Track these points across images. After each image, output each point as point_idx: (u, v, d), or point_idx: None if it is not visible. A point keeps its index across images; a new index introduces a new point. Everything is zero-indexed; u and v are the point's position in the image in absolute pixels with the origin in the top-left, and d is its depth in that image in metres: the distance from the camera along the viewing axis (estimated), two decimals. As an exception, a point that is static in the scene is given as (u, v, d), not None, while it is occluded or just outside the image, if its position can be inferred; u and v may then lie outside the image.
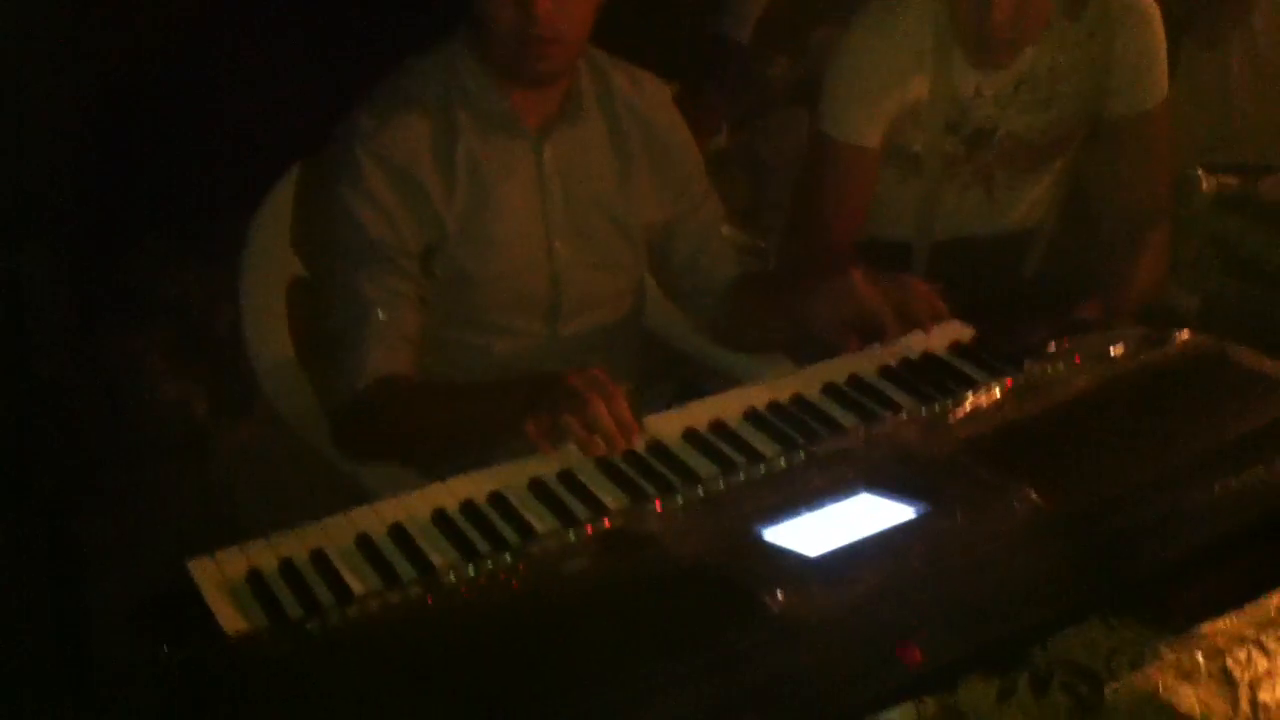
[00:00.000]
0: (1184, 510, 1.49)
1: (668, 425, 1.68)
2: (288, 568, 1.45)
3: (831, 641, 1.30)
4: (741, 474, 1.54)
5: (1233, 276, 2.17)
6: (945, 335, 1.87)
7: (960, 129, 2.38)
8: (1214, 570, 1.54)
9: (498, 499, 1.56)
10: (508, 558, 1.42)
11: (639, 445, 1.64)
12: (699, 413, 1.71)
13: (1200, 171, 2.18)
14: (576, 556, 1.41)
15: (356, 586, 1.42)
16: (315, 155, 2.04)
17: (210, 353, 2.43)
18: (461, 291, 1.98)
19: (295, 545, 1.49)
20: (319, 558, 1.47)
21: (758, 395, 1.75)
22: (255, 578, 1.43)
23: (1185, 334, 1.72)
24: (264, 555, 1.47)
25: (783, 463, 1.56)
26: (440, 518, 1.53)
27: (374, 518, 1.54)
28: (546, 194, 1.98)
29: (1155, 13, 2.37)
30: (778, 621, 1.28)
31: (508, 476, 1.60)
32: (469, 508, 1.55)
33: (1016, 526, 1.40)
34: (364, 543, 1.49)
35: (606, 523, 1.46)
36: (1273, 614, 1.38)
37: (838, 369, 1.80)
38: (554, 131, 1.97)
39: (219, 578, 1.43)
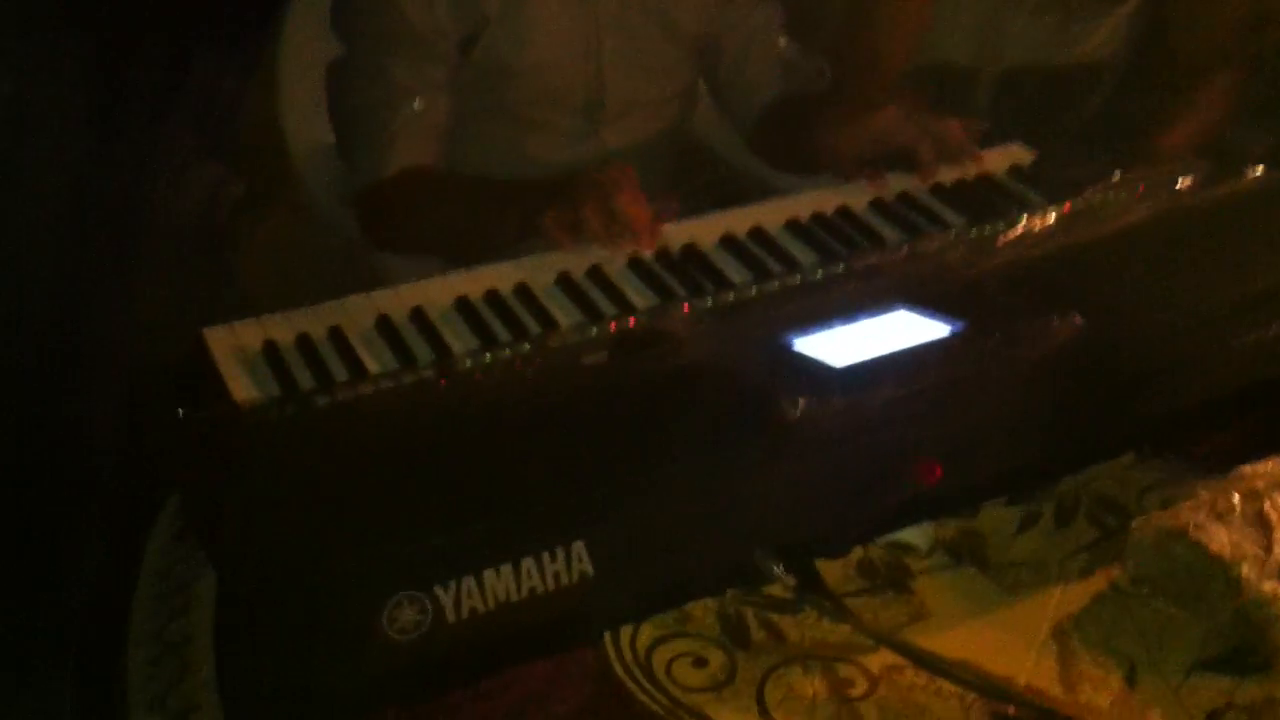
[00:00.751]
0: (1231, 350, 1.43)
1: (705, 230, 1.62)
2: (304, 342, 1.42)
3: (849, 454, 1.26)
4: (776, 282, 1.48)
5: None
6: (1004, 158, 1.79)
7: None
8: (1257, 414, 1.49)
9: (523, 290, 1.51)
10: (526, 347, 1.38)
11: (652, 244, 1.58)
12: (739, 219, 1.65)
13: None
14: (595, 351, 1.36)
15: (371, 365, 1.39)
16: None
17: (243, 136, 2.36)
18: (500, 81, 1.91)
19: (313, 321, 1.45)
20: (336, 335, 1.44)
21: (802, 205, 1.69)
22: (270, 350, 1.40)
23: (1259, 169, 1.63)
24: (281, 329, 1.44)
25: (820, 273, 1.50)
26: (463, 305, 1.49)
27: (396, 300, 1.50)
28: None
29: None
30: (795, 430, 1.23)
31: (535, 269, 1.55)
32: (493, 297, 1.50)
33: (1054, 352, 1.33)
34: (383, 324, 1.45)
35: (631, 321, 1.41)
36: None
37: (906, 181, 1.72)
38: None
39: (234, 346, 1.40)
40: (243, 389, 1.34)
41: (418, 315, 1.47)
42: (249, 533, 1.14)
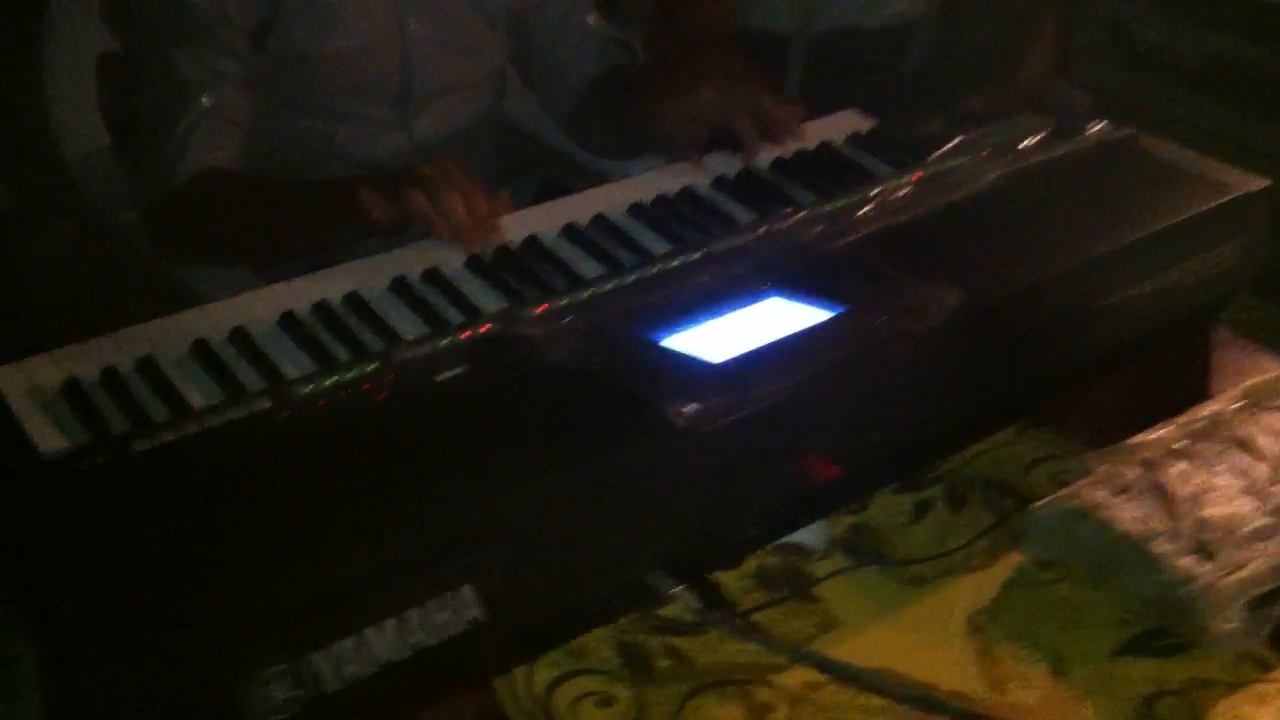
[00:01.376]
0: (1102, 309, 1.39)
1: (544, 221, 1.51)
2: (111, 377, 1.25)
3: (735, 455, 1.17)
4: (633, 275, 1.37)
5: (1128, 68, 2.06)
6: (842, 126, 1.72)
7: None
8: (1134, 377, 1.46)
9: (355, 301, 1.37)
10: (371, 366, 1.24)
11: (496, 240, 1.46)
12: (578, 207, 1.54)
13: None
14: (450, 364, 1.23)
15: (194, 399, 1.23)
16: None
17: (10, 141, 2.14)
18: (299, 72, 1.74)
19: (117, 351, 1.28)
20: (147, 366, 1.27)
21: (642, 188, 1.58)
22: (73, 389, 1.23)
23: (1100, 125, 1.60)
24: (82, 362, 1.26)
25: (676, 262, 1.40)
26: (289, 321, 1.33)
27: (209, 320, 1.33)
28: None
29: None
30: (678, 433, 1.13)
31: (365, 275, 1.41)
32: (322, 310, 1.35)
33: (932, 326, 1.27)
34: (200, 350, 1.29)
35: (484, 328, 1.29)
36: (1203, 424, 1.29)
37: (727, 163, 1.64)
38: None
39: (28, 387, 1.22)
40: (46, 437, 1.16)
41: (239, 336, 1.31)
42: (74, 608, 0.98)
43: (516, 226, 1.49)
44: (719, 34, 2.21)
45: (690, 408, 1.14)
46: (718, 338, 1.26)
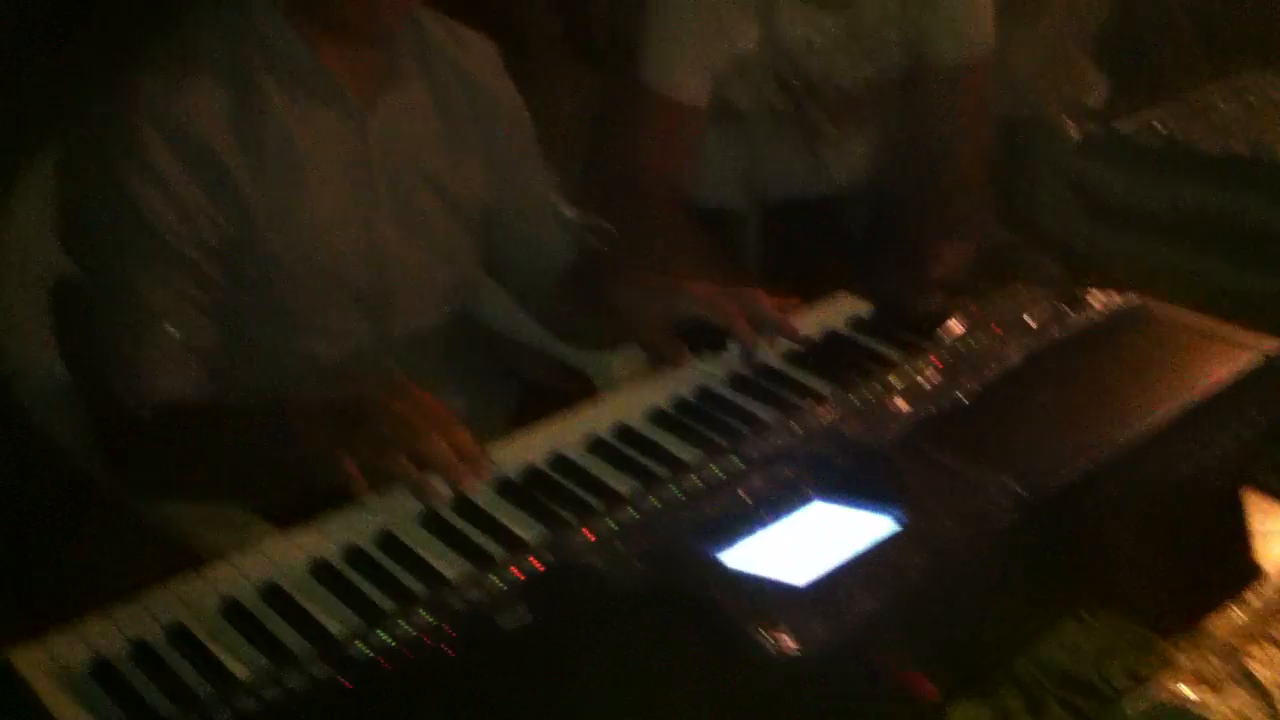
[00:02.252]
0: (1153, 484, 1.37)
1: (566, 436, 1.45)
2: (142, 650, 1.15)
3: (833, 679, 1.11)
4: (673, 487, 1.32)
5: (1097, 224, 2.09)
6: (840, 310, 1.71)
7: (788, 82, 2.22)
8: (1176, 549, 1.44)
9: (389, 540, 1.29)
10: (425, 615, 1.16)
11: (485, 478, 1.36)
12: (597, 418, 1.49)
13: (1063, 116, 2.09)
14: (510, 605, 1.16)
15: (238, 669, 1.13)
16: (82, 124, 1.67)
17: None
18: (273, 288, 1.67)
19: (143, 620, 1.19)
20: (179, 634, 1.17)
21: (657, 392, 1.54)
22: (103, 668, 1.13)
23: (1101, 294, 1.60)
24: (106, 635, 1.16)
25: (716, 470, 1.34)
26: (323, 570, 1.25)
27: (236, 576, 1.25)
28: (372, 172, 1.70)
29: (979, -45, 2.27)
30: (781, 662, 1.07)
31: (393, 512, 1.33)
32: (355, 555, 1.27)
33: (1003, 521, 1.23)
34: (233, 611, 1.20)
35: (534, 561, 1.22)
36: (1273, 599, 1.27)
37: (737, 358, 1.60)
38: (379, 99, 1.69)
39: (53, 669, 1.13)
40: (82, 727, 1.07)
41: (272, 592, 1.22)
42: None
43: (538, 444, 1.43)
44: (675, 210, 2.19)
45: (785, 635, 1.08)
46: (782, 552, 1.21)
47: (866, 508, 1.27)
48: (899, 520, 1.23)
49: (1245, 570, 1.33)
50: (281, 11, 1.62)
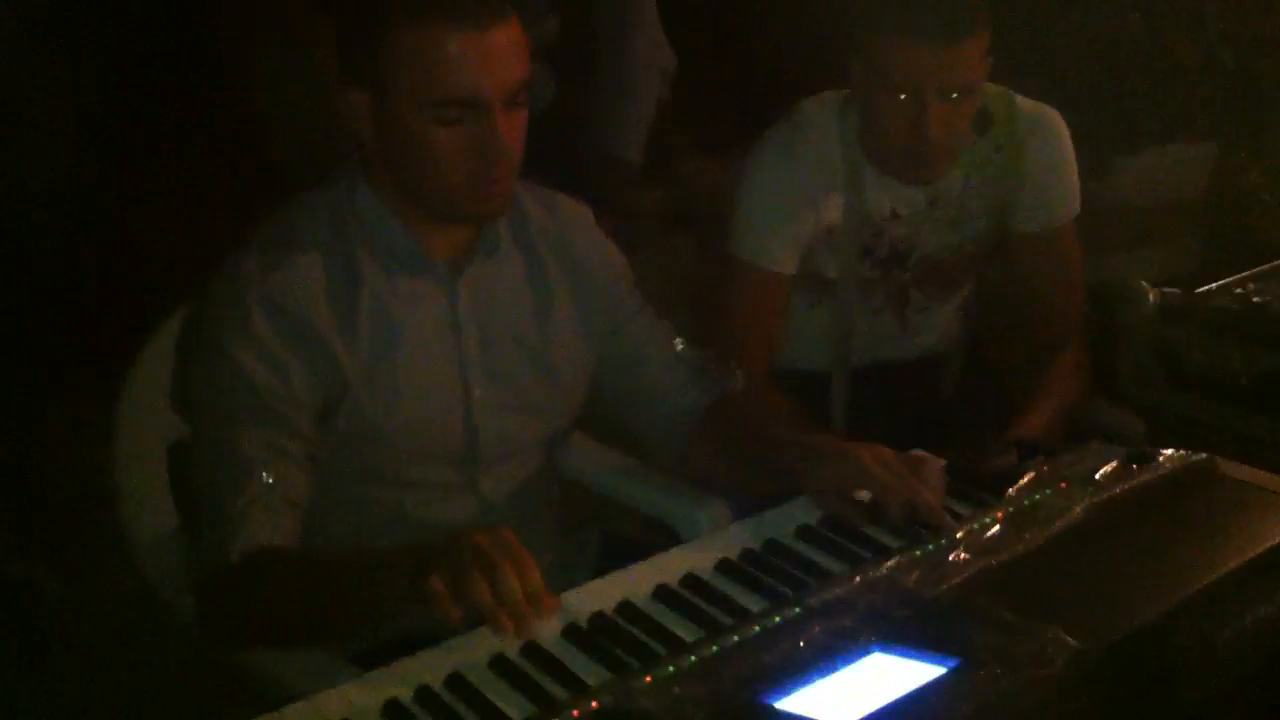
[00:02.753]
0: (1216, 640, 1.37)
1: (635, 584, 1.50)
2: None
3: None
4: (734, 636, 1.36)
5: (1179, 388, 2.11)
6: (912, 467, 1.74)
7: (875, 252, 2.30)
8: (1256, 708, 1.43)
9: (457, 682, 1.35)
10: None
11: (553, 622, 1.41)
12: (667, 567, 1.54)
13: (1144, 283, 2.13)
14: (569, 747, 1.20)
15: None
16: (197, 301, 1.82)
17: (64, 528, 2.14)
18: (367, 445, 1.76)
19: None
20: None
21: (726, 544, 1.58)
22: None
23: (1171, 451, 1.62)
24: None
25: (777, 619, 1.38)
26: (393, 710, 1.31)
27: (312, 714, 1.31)
28: (461, 336, 1.80)
29: (1063, 127, 2.33)
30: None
31: (463, 654, 1.39)
32: (425, 695, 1.33)
33: (1054, 673, 1.25)
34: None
35: (594, 704, 1.26)
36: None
37: (806, 511, 1.65)
38: (467, 267, 1.80)
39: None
40: None
41: (346, 732, 1.28)
42: None
43: (610, 591, 1.48)
44: (762, 373, 2.25)
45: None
46: (837, 700, 1.24)
47: (922, 658, 1.30)
48: (949, 667, 1.25)
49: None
50: (375, 192, 1.74)
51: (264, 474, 1.65)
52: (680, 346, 1.94)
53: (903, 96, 2.08)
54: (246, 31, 2.61)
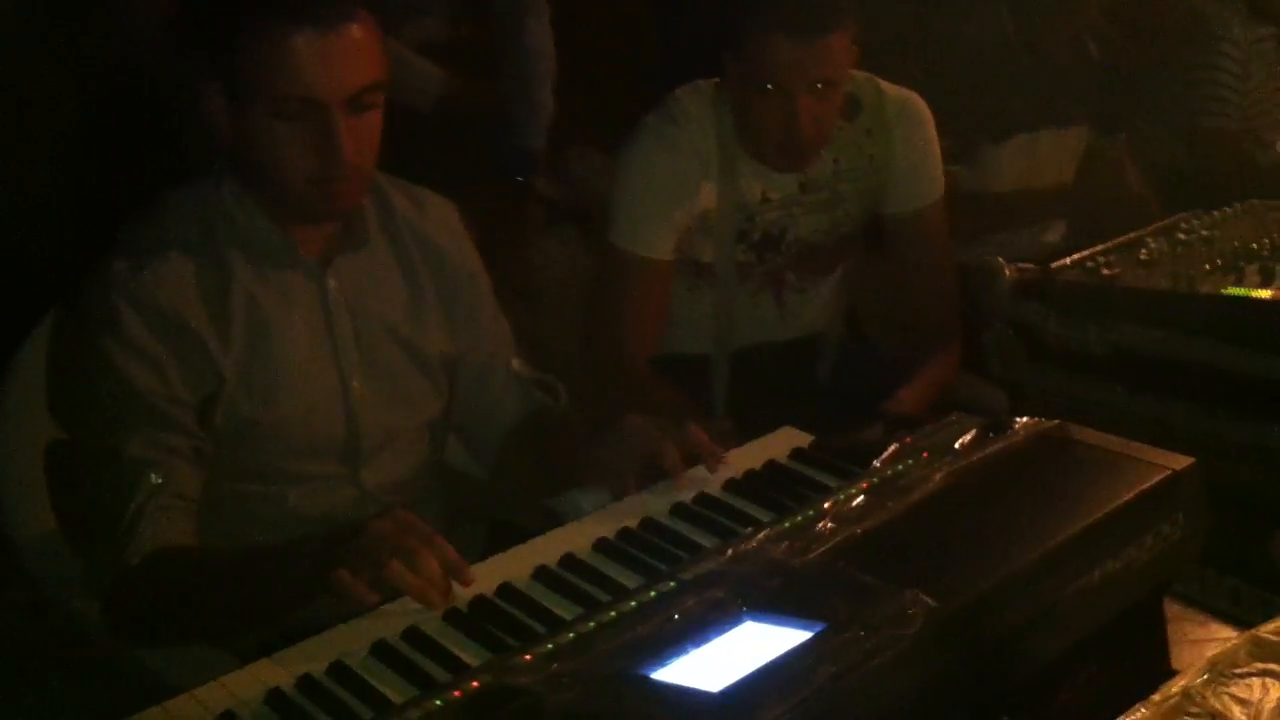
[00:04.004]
0: (1065, 598, 1.44)
1: (514, 566, 1.54)
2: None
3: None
4: (611, 611, 1.40)
5: (1037, 361, 2.19)
6: (783, 443, 1.80)
7: (749, 236, 2.35)
8: (1098, 664, 1.50)
9: (339, 670, 1.37)
10: (370, 740, 1.23)
11: (469, 588, 1.48)
12: (545, 548, 1.57)
13: (1000, 259, 2.21)
14: (447, 726, 1.24)
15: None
16: (66, 306, 1.82)
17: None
18: (248, 441, 1.79)
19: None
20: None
21: (604, 523, 1.63)
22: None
23: (1025, 420, 1.69)
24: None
25: (652, 594, 1.43)
26: (276, 699, 1.33)
27: (196, 707, 1.33)
28: (335, 328, 1.82)
29: (927, 112, 2.41)
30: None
31: (345, 642, 1.42)
32: (308, 684, 1.35)
33: (913, 632, 1.30)
34: (191, 740, 1.28)
35: (474, 684, 1.30)
36: (1175, 701, 1.33)
37: (683, 489, 1.69)
38: (336, 259, 1.82)
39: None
40: None
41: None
42: None
43: (490, 573, 1.52)
44: (645, 357, 2.30)
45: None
46: (710, 668, 1.28)
47: (790, 624, 1.35)
48: (815, 631, 1.31)
49: (1161, 676, 1.39)
50: (240, 190, 1.76)
51: (153, 475, 1.67)
52: (511, 359, 2.00)
53: (770, 89, 2.14)
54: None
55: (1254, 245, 2.28)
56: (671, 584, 1.44)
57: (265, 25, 1.63)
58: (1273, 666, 1.32)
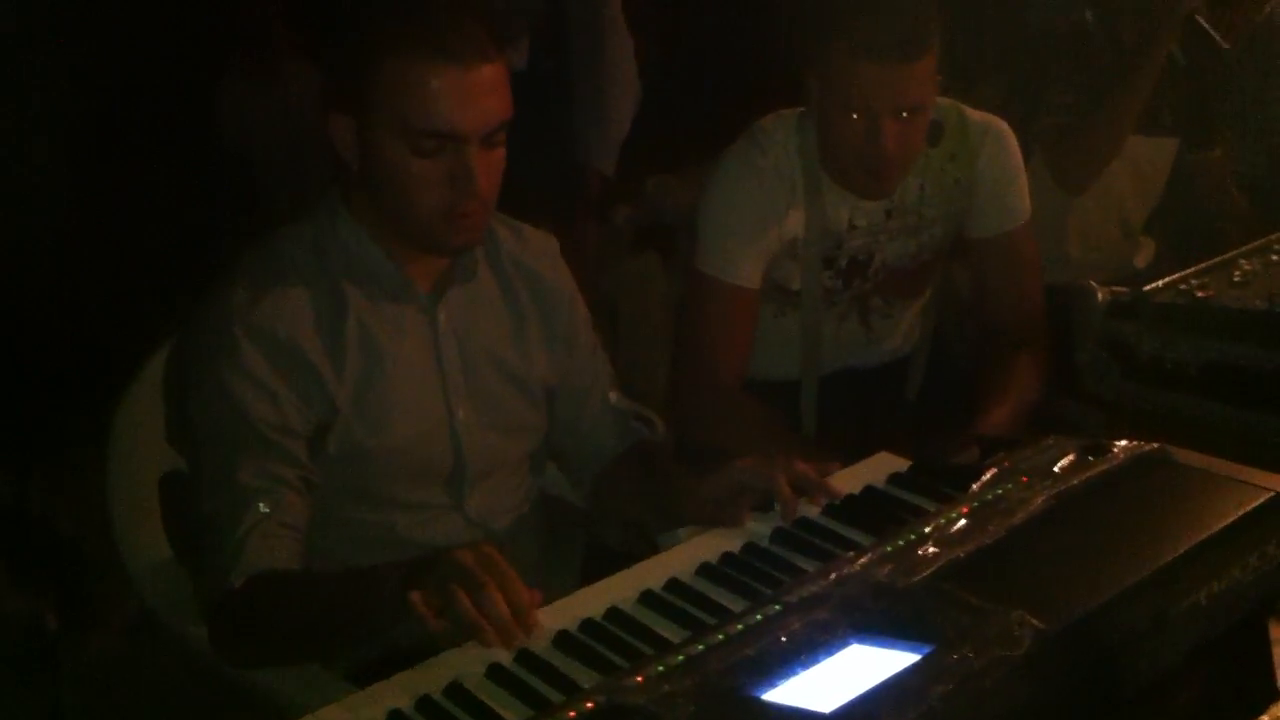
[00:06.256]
0: (1169, 616, 1.44)
1: (621, 590, 1.57)
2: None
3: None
4: (719, 634, 1.43)
5: (1132, 381, 2.20)
6: (880, 468, 1.82)
7: (836, 262, 2.38)
8: (1208, 682, 1.50)
9: (456, 690, 1.41)
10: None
11: (537, 636, 1.49)
12: (650, 572, 1.61)
13: (1093, 283, 2.23)
14: (566, 748, 1.27)
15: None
16: (185, 334, 1.88)
17: (58, 560, 2.20)
18: (358, 468, 1.84)
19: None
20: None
21: (706, 548, 1.66)
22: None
23: (1125, 442, 1.70)
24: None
25: (758, 616, 1.45)
26: None
27: (318, 729, 1.37)
28: (444, 358, 1.87)
29: (1011, 135, 2.42)
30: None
31: (460, 665, 1.45)
32: (426, 705, 1.39)
33: (1020, 653, 1.32)
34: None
35: (588, 704, 1.33)
36: (1288, 720, 1.34)
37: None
38: (446, 292, 1.87)
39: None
40: None
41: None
42: None
43: (597, 597, 1.55)
44: (735, 384, 2.33)
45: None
46: (818, 690, 1.31)
47: (897, 646, 1.37)
48: (923, 653, 1.33)
49: (1266, 695, 1.40)
50: (356, 222, 1.81)
51: (260, 504, 1.72)
52: (609, 391, 2.04)
53: (856, 115, 2.16)
54: (218, 68, 2.66)
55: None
56: (777, 607, 1.47)
57: (411, 61, 1.68)
58: (1383, 688, 1.32)
